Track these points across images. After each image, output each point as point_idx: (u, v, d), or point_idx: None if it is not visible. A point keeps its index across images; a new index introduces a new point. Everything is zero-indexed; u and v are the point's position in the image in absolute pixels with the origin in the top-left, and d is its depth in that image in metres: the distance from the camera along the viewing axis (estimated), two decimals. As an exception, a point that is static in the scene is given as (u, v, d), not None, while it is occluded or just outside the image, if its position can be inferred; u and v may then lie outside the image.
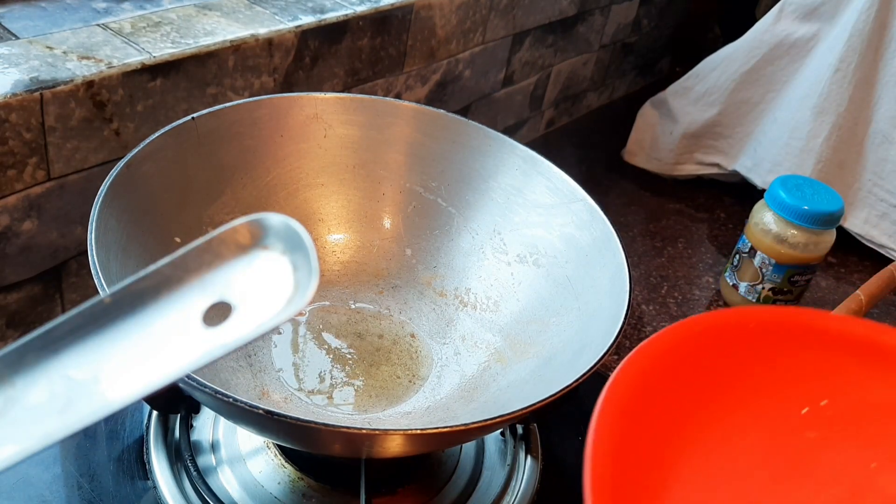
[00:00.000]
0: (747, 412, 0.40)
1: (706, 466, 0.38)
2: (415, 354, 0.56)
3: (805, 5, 0.87)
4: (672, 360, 0.39)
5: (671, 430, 0.38)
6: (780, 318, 0.41)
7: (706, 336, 0.40)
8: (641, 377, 0.37)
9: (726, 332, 0.41)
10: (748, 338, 0.41)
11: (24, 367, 0.22)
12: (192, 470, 0.48)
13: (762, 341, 0.41)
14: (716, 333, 0.40)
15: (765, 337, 0.41)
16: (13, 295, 0.56)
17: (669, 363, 0.39)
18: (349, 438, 0.40)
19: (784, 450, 0.39)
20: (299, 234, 0.22)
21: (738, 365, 0.40)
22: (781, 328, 0.41)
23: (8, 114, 0.49)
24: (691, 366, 0.39)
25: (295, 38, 0.64)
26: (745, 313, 0.42)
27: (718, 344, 0.40)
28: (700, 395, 0.39)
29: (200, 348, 0.22)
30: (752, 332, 0.41)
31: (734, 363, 0.40)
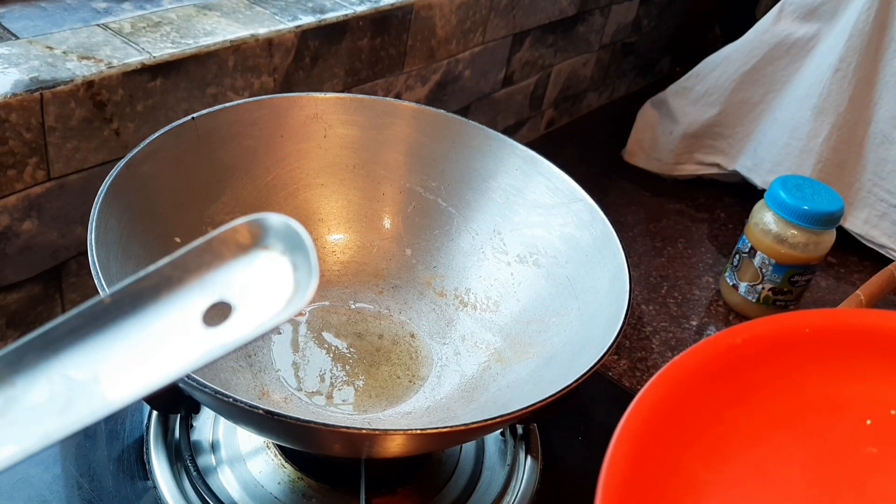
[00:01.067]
0: (794, 429, 0.36)
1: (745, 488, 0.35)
2: (415, 354, 0.56)
3: (805, 5, 0.87)
4: (703, 377, 0.35)
5: (701, 453, 0.34)
6: (832, 323, 0.37)
7: (740, 350, 0.36)
8: (670, 394, 0.34)
9: (769, 342, 0.36)
10: (790, 348, 0.37)
11: (24, 367, 0.22)
12: (192, 470, 0.48)
13: (808, 350, 0.37)
14: (754, 345, 0.36)
15: (813, 345, 0.37)
16: (13, 295, 0.56)
17: (699, 381, 0.35)
18: (349, 438, 0.40)
19: (838, 468, 0.35)
20: (299, 234, 0.22)
21: (778, 380, 0.36)
22: (833, 333, 0.37)
23: (8, 114, 0.49)
24: (724, 382, 0.36)
25: (295, 38, 0.64)
26: (792, 318, 0.37)
27: (755, 357, 0.36)
28: (735, 414, 0.35)
29: (200, 348, 0.22)
30: (802, 339, 0.37)
31: (772, 379, 0.36)
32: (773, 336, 0.37)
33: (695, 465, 0.34)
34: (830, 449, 0.36)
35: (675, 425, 0.34)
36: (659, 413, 0.34)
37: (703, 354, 0.36)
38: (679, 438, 0.34)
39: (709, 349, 0.36)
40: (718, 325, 0.75)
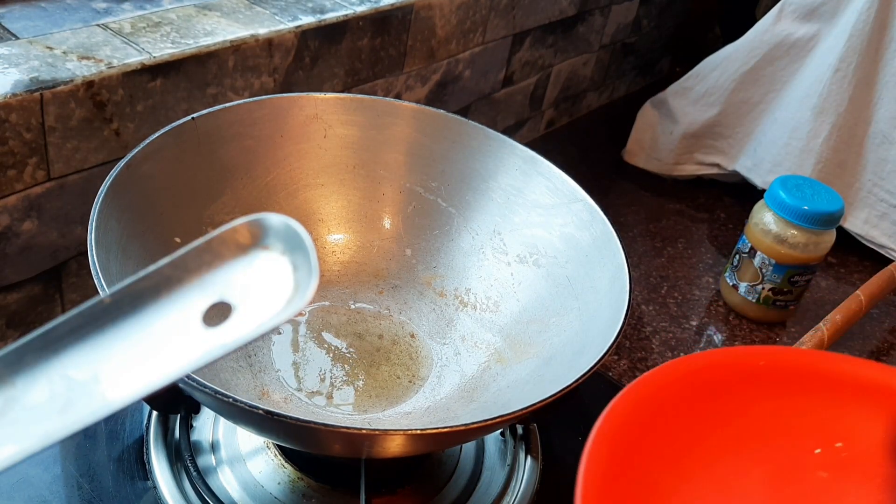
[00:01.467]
0: (752, 451, 0.39)
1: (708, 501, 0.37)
2: (415, 354, 0.56)
3: (805, 5, 0.87)
4: (668, 396, 0.38)
5: (666, 467, 0.37)
6: (790, 361, 0.40)
7: (704, 374, 0.39)
8: (635, 413, 0.36)
9: (730, 370, 0.39)
10: (753, 378, 0.39)
11: (24, 367, 0.22)
12: (192, 470, 0.48)
13: (767, 382, 0.40)
14: (716, 372, 0.39)
15: (771, 377, 0.40)
16: (13, 295, 0.56)
17: (665, 400, 0.37)
18: (349, 439, 0.40)
19: (792, 488, 0.38)
20: (299, 234, 0.22)
21: (738, 405, 0.39)
22: (790, 370, 0.40)
23: (8, 114, 0.49)
24: (688, 404, 0.38)
25: (295, 38, 0.64)
26: (755, 353, 0.41)
27: (718, 383, 0.39)
28: (698, 433, 0.38)
29: (200, 348, 0.22)
30: (760, 372, 0.40)
31: (734, 404, 0.39)
32: (733, 365, 0.40)
33: (661, 477, 0.36)
34: (786, 471, 0.39)
35: (642, 440, 0.36)
36: (628, 426, 0.36)
37: (667, 375, 0.39)
38: (646, 452, 0.36)
39: (673, 371, 0.39)
40: (718, 326, 0.75)
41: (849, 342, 0.75)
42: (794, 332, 0.76)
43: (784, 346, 0.60)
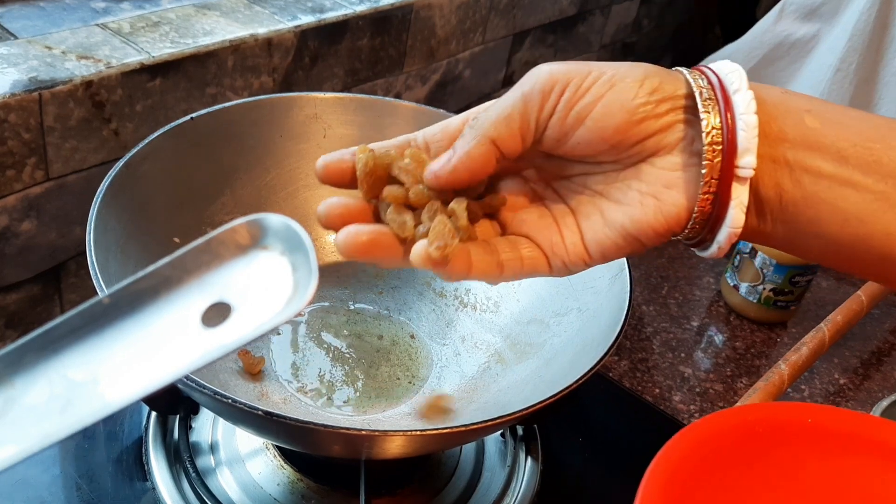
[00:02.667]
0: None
1: None
2: (414, 355, 0.55)
3: (805, 5, 0.87)
4: (718, 449, 0.37)
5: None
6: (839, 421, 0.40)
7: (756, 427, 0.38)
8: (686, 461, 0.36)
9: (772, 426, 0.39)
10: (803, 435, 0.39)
11: (24, 368, 0.22)
12: (191, 471, 0.48)
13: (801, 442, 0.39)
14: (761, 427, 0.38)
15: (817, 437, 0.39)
16: (12, 295, 0.56)
17: (714, 453, 0.37)
18: (349, 439, 0.40)
19: None
20: (299, 234, 0.22)
21: (791, 464, 0.38)
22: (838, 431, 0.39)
23: (7, 114, 0.49)
24: (737, 459, 0.37)
25: (294, 37, 0.64)
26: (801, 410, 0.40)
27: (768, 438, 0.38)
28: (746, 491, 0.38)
29: (200, 349, 0.21)
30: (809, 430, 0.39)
31: (787, 461, 0.38)
32: (781, 421, 0.39)
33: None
34: None
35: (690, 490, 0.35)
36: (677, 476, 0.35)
37: (719, 425, 0.38)
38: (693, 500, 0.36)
39: (721, 422, 0.38)
40: (719, 326, 0.75)
41: (850, 342, 0.75)
42: (795, 332, 0.76)
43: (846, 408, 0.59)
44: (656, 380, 0.67)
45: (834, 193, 0.32)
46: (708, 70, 0.34)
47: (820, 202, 0.32)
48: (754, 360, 0.71)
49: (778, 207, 0.33)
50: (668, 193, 0.33)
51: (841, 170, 0.32)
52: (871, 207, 0.31)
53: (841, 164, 0.32)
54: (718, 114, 0.32)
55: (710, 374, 0.69)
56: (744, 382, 0.68)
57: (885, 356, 0.74)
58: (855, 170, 0.31)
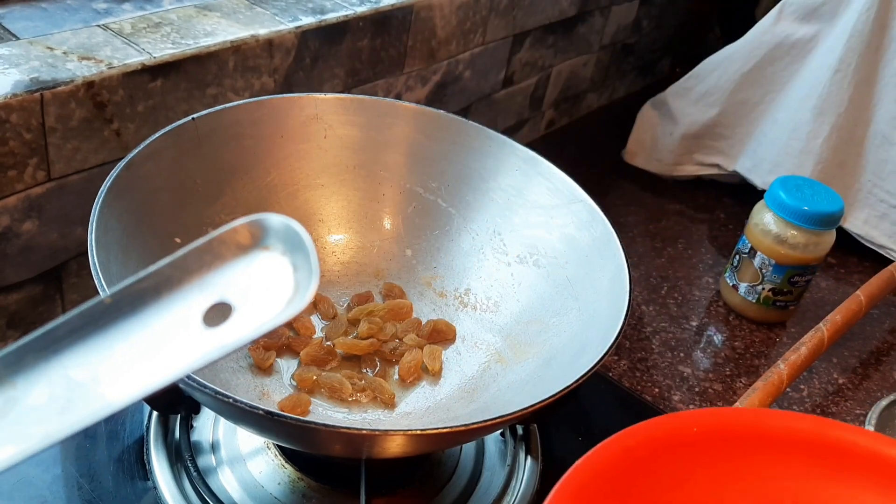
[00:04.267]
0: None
1: None
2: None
3: (805, 6, 0.87)
4: (607, 481, 0.37)
5: None
6: (724, 423, 0.39)
7: (638, 452, 0.38)
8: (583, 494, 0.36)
9: (667, 441, 0.39)
10: (694, 445, 0.39)
11: (25, 368, 0.22)
12: (192, 470, 0.48)
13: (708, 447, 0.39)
14: (660, 443, 0.38)
15: (712, 443, 0.39)
16: (13, 295, 0.56)
17: (612, 477, 0.37)
18: (349, 439, 0.40)
19: None
20: (299, 234, 0.22)
21: (678, 479, 0.38)
22: (725, 433, 0.39)
23: (8, 114, 0.49)
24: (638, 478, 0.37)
25: (295, 38, 0.64)
26: (679, 419, 0.40)
27: (653, 459, 0.38)
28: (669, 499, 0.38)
29: (201, 349, 0.22)
30: (696, 439, 0.39)
31: (680, 473, 0.38)
32: (664, 437, 0.39)
33: None
34: None
35: None
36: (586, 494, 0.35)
37: (601, 458, 0.38)
38: None
39: (606, 453, 0.38)
40: (718, 326, 0.75)
41: (849, 343, 0.75)
42: (794, 332, 0.76)
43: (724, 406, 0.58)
44: (656, 379, 0.67)
45: None
46: None
47: None
48: (753, 360, 0.71)
49: None
50: None
51: None
52: None
53: None
54: None
55: (709, 373, 0.69)
56: (743, 382, 0.68)
57: (884, 356, 0.75)
58: None
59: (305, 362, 0.53)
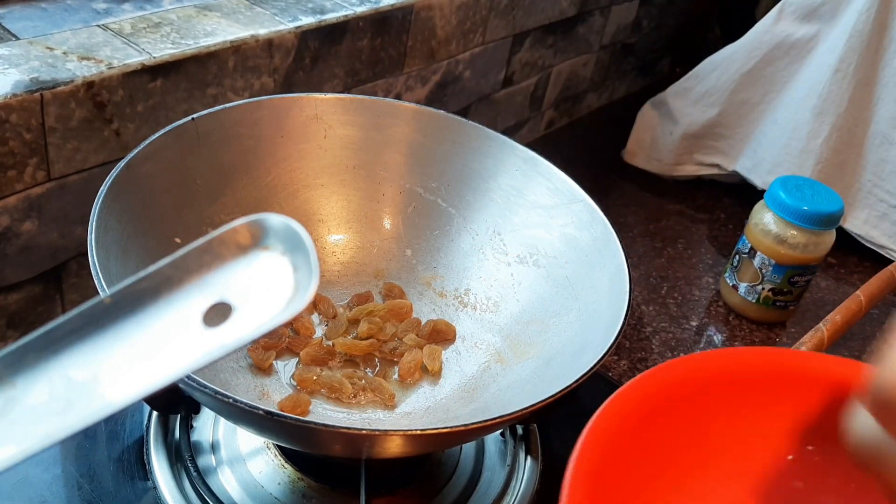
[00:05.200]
0: (731, 463, 0.38)
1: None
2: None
3: (805, 6, 0.87)
4: (645, 410, 0.37)
5: (647, 484, 0.37)
6: (760, 360, 0.40)
7: (682, 383, 0.39)
8: (615, 428, 0.36)
9: (699, 378, 0.39)
10: (725, 383, 0.39)
11: (25, 368, 0.22)
12: (192, 470, 0.48)
13: (740, 385, 0.39)
14: (689, 380, 0.39)
15: (743, 381, 0.39)
16: (13, 295, 0.56)
17: (642, 414, 0.37)
18: (349, 439, 0.40)
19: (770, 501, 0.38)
20: (299, 234, 0.22)
21: (715, 412, 0.39)
22: (761, 370, 0.40)
23: (8, 114, 0.49)
24: (666, 415, 0.38)
25: (295, 38, 0.64)
26: (718, 356, 0.40)
27: (693, 391, 0.39)
28: (676, 444, 0.38)
29: (200, 349, 0.22)
30: (730, 377, 0.39)
31: (710, 410, 0.39)
32: (702, 375, 0.40)
33: (642, 495, 0.36)
34: (764, 484, 0.38)
35: (621, 458, 0.36)
36: (608, 443, 0.36)
37: (641, 390, 0.38)
38: (627, 467, 0.36)
39: (646, 384, 0.38)
40: (718, 326, 0.75)
41: (849, 342, 0.75)
42: (794, 332, 0.76)
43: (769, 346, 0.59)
44: (656, 380, 0.67)
45: None
46: None
47: None
48: (754, 360, 0.71)
49: None
50: None
51: None
52: None
53: None
54: None
55: (709, 373, 0.69)
56: (743, 382, 0.68)
57: (885, 356, 0.75)
58: None
59: (305, 362, 0.53)
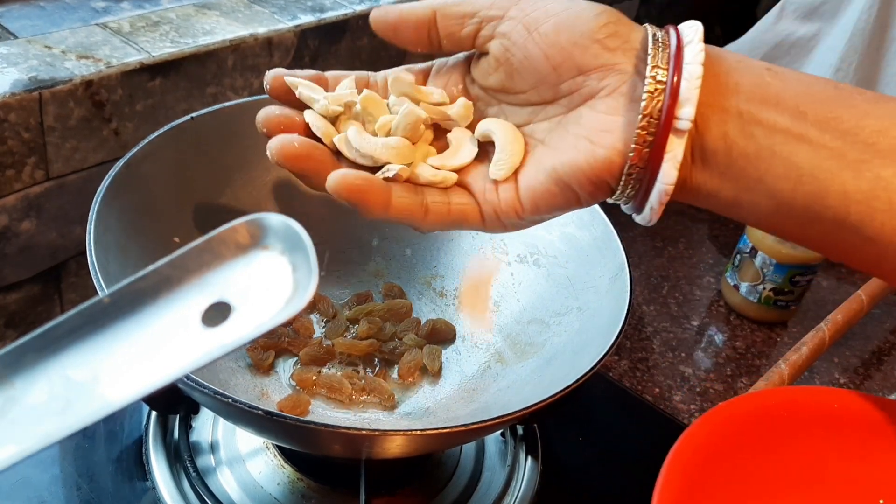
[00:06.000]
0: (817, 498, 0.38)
1: None
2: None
3: (806, 5, 0.87)
4: (737, 433, 0.37)
5: None
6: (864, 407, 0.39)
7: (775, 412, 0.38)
8: (699, 455, 0.36)
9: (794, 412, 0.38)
10: (824, 421, 0.39)
11: (24, 367, 0.22)
12: (191, 470, 0.48)
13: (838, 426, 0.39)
14: (787, 411, 0.38)
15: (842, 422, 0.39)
16: (12, 295, 0.56)
17: (733, 438, 0.37)
18: (349, 439, 0.40)
19: None
20: (299, 234, 0.22)
21: (807, 447, 0.38)
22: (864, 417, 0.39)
23: (7, 113, 0.49)
24: (756, 443, 0.37)
25: (294, 37, 0.64)
26: (821, 393, 0.40)
27: (788, 423, 0.38)
28: (764, 474, 0.38)
29: (200, 348, 0.21)
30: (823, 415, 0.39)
31: (803, 445, 0.38)
32: (806, 405, 0.39)
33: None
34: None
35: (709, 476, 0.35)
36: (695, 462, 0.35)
37: (735, 410, 0.37)
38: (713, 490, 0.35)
39: (740, 406, 0.38)
40: (719, 326, 0.75)
41: (850, 342, 0.75)
42: (795, 331, 0.76)
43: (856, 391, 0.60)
44: (656, 379, 0.67)
45: (788, 148, 0.31)
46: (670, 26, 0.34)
47: (773, 156, 0.31)
48: (754, 360, 0.71)
49: (726, 160, 0.32)
50: (603, 136, 0.32)
51: (797, 125, 0.31)
52: (826, 164, 0.31)
53: (798, 119, 0.31)
54: (668, 59, 0.31)
55: (710, 373, 0.69)
56: (744, 382, 0.68)
57: (886, 356, 0.75)
58: (812, 126, 0.31)
59: (304, 362, 0.53)
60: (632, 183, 0.32)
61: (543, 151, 0.34)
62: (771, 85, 0.31)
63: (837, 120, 0.31)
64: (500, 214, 0.34)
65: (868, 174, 0.30)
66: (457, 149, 0.36)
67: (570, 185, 0.33)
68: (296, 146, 0.33)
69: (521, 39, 0.33)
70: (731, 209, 0.33)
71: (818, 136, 0.31)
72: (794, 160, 0.31)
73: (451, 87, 0.37)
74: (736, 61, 0.32)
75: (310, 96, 0.35)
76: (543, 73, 0.33)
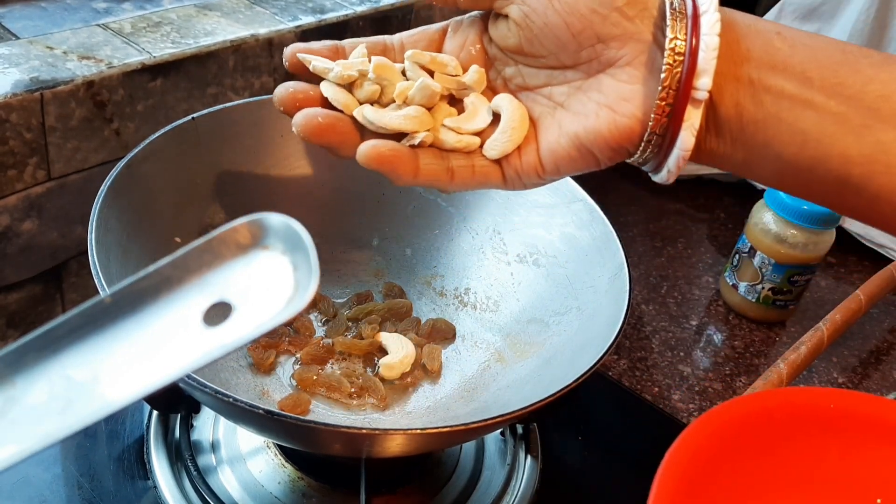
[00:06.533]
0: (814, 499, 0.38)
1: None
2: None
3: (804, 5, 0.87)
4: (733, 435, 0.37)
5: None
6: (863, 407, 0.39)
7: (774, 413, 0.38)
8: (697, 456, 0.36)
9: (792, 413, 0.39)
10: (822, 422, 0.39)
11: (25, 367, 0.22)
12: (192, 470, 0.48)
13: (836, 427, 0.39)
14: (785, 412, 0.38)
15: (840, 422, 0.39)
16: (13, 295, 0.56)
17: (730, 440, 0.37)
18: (349, 438, 0.40)
19: None
20: (299, 233, 0.22)
21: (804, 448, 0.39)
22: (862, 417, 0.39)
23: (8, 114, 0.49)
24: (753, 444, 0.38)
25: (295, 37, 0.64)
26: (818, 394, 0.40)
27: (785, 424, 0.38)
28: (761, 476, 0.38)
29: (201, 348, 0.22)
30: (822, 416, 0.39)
31: (800, 446, 0.38)
32: (803, 406, 0.39)
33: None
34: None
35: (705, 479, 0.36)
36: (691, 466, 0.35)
37: (733, 412, 0.38)
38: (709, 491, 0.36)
39: (739, 408, 0.38)
40: (718, 325, 0.75)
41: (848, 342, 0.75)
42: (794, 331, 0.76)
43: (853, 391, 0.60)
44: (655, 379, 0.67)
45: (794, 114, 0.32)
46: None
47: (780, 122, 0.32)
48: (753, 360, 0.71)
49: (738, 127, 0.33)
50: (624, 105, 0.33)
51: (803, 90, 0.32)
52: (830, 129, 0.32)
53: (804, 85, 0.32)
54: (685, 29, 0.32)
55: (709, 373, 0.69)
56: (743, 381, 0.68)
57: (884, 355, 0.75)
58: (818, 91, 0.32)
59: (305, 361, 0.53)
60: (650, 149, 0.33)
61: (564, 115, 0.35)
62: (780, 50, 0.32)
63: (842, 85, 0.32)
64: (521, 175, 0.36)
65: (869, 139, 0.31)
66: (473, 114, 0.37)
67: (591, 151, 0.34)
68: (320, 120, 0.34)
69: (541, 6, 0.33)
70: (739, 169, 0.34)
71: (823, 102, 0.32)
72: (800, 126, 0.32)
73: (468, 46, 0.38)
74: (746, 26, 0.33)
75: (323, 67, 0.36)
76: (563, 40, 0.34)
